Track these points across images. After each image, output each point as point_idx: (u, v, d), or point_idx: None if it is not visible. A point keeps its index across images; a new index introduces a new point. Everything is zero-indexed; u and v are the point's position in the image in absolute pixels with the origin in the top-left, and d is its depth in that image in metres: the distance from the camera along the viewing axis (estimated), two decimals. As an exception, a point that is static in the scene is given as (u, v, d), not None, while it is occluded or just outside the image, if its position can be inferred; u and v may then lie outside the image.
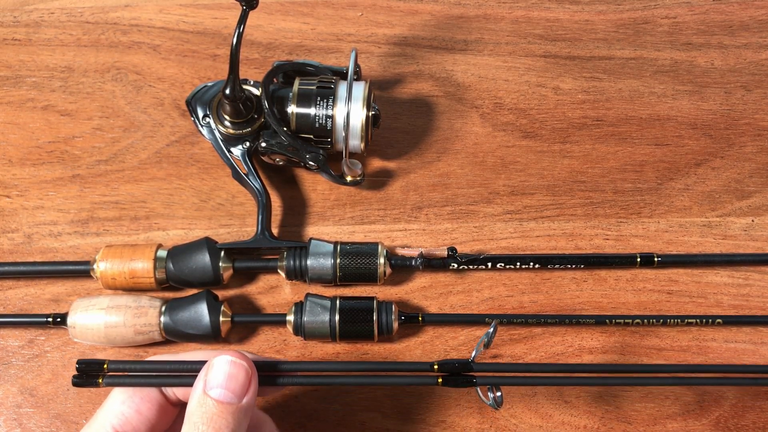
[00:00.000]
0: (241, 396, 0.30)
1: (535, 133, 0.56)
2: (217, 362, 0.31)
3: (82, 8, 0.60)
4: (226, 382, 0.30)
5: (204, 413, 0.30)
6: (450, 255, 0.49)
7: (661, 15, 0.61)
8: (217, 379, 0.31)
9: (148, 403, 0.34)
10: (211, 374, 0.31)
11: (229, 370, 0.31)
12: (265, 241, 0.49)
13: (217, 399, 0.30)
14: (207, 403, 0.30)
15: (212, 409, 0.30)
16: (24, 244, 0.51)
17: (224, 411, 0.30)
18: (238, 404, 0.30)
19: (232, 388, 0.30)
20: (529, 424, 0.47)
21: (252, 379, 0.31)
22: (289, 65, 0.52)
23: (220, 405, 0.30)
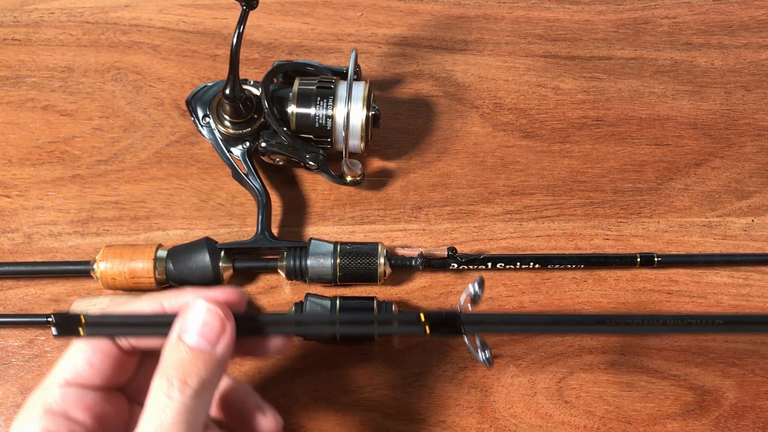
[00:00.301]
0: (216, 344, 0.30)
1: (535, 133, 0.56)
2: (194, 308, 0.30)
3: (82, 8, 0.60)
4: (201, 329, 0.30)
5: (176, 359, 0.30)
6: (450, 255, 0.49)
7: (661, 15, 0.61)
8: (191, 324, 0.30)
9: (99, 354, 0.33)
10: (186, 319, 0.30)
11: (205, 317, 0.30)
12: (265, 241, 0.49)
13: (190, 345, 0.30)
14: (180, 349, 0.30)
15: (184, 354, 0.30)
16: (24, 244, 0.51)
17: (197, 358, 0.30)
18: (212, 352, 0.30)
19: (207, 335, 0.30)
20: (529, 424, 0.47)
21: (227, 329, 0.30)
22: (289, 65, 0.52)
23: (192, 351, 0.30)
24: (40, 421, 0.31)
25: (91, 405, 0.32)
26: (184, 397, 0.29)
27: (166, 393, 0.29)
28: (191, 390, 0.29)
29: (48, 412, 0.31)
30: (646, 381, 0.48)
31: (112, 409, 0.33)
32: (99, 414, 0.32)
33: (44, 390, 0.32)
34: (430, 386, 0.47)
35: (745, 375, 0.48)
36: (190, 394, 0.29)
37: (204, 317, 0.30)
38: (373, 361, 0.48)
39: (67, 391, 0.32)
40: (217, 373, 0.30)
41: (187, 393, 0.29)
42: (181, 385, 0.29)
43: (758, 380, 0.48)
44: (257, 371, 0.48)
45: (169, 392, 0.29)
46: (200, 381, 0.30)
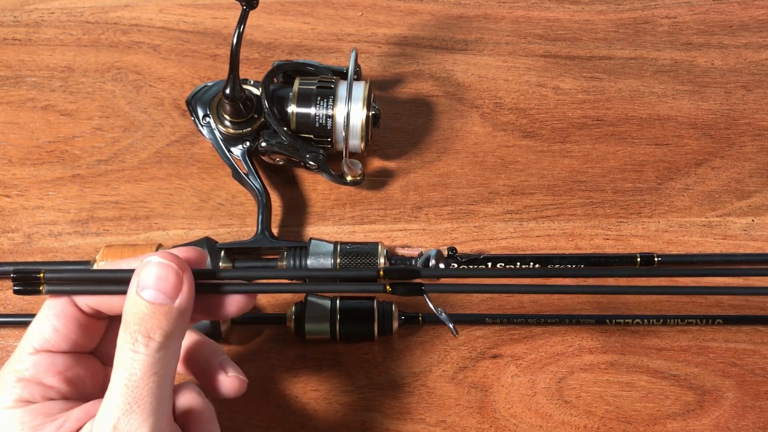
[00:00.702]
0: (174, 297, 0.30)
1: (535, 133, 0.56)
2: (147, 263, 0.30)
3: (82, 8, 0.60)
4: (157, 283, 0.30)
5: (136, 314, 0.30)
6: (450, 255, 0.49)
7: (661, 15, 0.61)
8: (147, 280, 0.30)
9: (63, 319, 0.33)
10: (142, 275, 0.30)
11: (158, 271, 0.30)
12: (265, 241, 0.49)
13: (148, 300, 0.30)
14: (139, 304, 0.30)
15: (143, 309, 0.30)
16: (24, 244, 0.51)
17: (156, 312, 0.30)
18: (171, 305, 0.30)
19: (163, 289, 0.30)
20: (529, 424, 0.47)
21: (185, 281, 0.30)
22: (289, 65, 0.52)
23: (151, 306, 0.30)
24: (14, 389, 0.32)
25: (62, 369, 0.33)
26: (150, 350, 0.30)
27: (132, 348, 0.30)
28: (156, 343, 0.30)
29: (21, 381, 0.32)
30: (646, 381, 0.48)
31: (85, 372, 0.34)
32: (71, 377, 0.33)
33: (15, 360, 0.33)
34: (430, 386, 0.47)
35: (745, 375, 0.48)
36: (155, 347, 0.30)
37: (158, 271, 0.30)
38: (373, 361, 0.48)
39: (37, 358, 0.32)
40: (179, 325, 0.30)
41: (152, 346, 0.30)
42: (145, 339, 0.30)
43: (758, 380, 0.48)
44: (257, 371, 0.48)
45: (134, 347, 0.30)
46: (163, 334, 0.30)
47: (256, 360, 0.48)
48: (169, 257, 0.31)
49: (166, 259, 0.31)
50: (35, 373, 0.32)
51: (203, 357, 0.38)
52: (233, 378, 0.38)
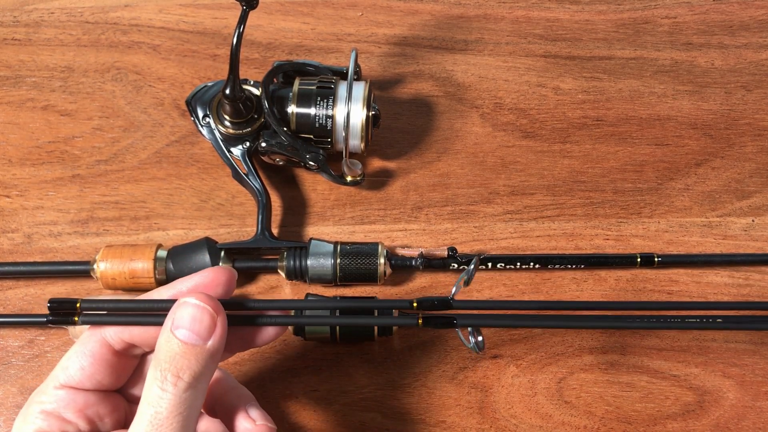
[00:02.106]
0: (206, 338, 0.31)
1: (535, 133, 0.56)
2: (184, 304, 0.31)
3: (82, 8, 0.60)
4: (191, 324, 0.30)
5: (168, 351, 0.30)
6: (450, 255, 0.49)
7: (662, 15, 0.61)
8: (182, 319, 0.31)
9: (91, 358, 0.34)
10: (177, 314, 0.31)
11: (194, 312, 0.31)
12: (265, 241, 0.49)
13: (181, 339, 0.30)
14: (172, 342, 0.30)
15: (176, 348, 0.30)
16: (24, 244, 0.51)
17: (188, 352, 0.30)
18: (203, 346, 0.30)
19: (197, 331, 0.30)
20: (529, 424, 0.47)
21: (219, 323, 0.31)
22: (289, 65, 0.52)
23: (184, 345, 0.30)
24: (35, 420, 0.33)
25: (83, 407, 0.34)
26: (178, 390, 0.30)
27: (160, 386, 0.30)
28: (184, 383, 0.30)
29: (43, 413, 0.33)
30: (646, 381, 0.48)
31: (107, 410, 0.35)
32: (91, 415, 0.34)
33: (41, 391, 0.34)
34: (430, 386, 0.47)
35: (745, 375, 0.48)
36: (183, 387, 0.30)
37: (193, 313, 0.31)
38: (373, 361, 0.48)
39: (61, 393, 0.34)
40: (209, 367, 0.31)
41: (181, 386, 0.30)
42: (174, 379, 0.30)
43: (758, 380, 0.48)
44: (257, 371, 0.48)
45: (162, 385, 0.30)
46: (192, 374, 0.30)
47: (256, 360, 0.48)
48: (205, 300, 0.31)
49: (202, 301, 0.31)
50: (57, 408, 0.33)
51: (231, 403, 0.39)
52: (262, 427, 0.38)
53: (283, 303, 0.41)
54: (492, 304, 0.42)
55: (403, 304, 0.38)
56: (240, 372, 0.48)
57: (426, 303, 0.37)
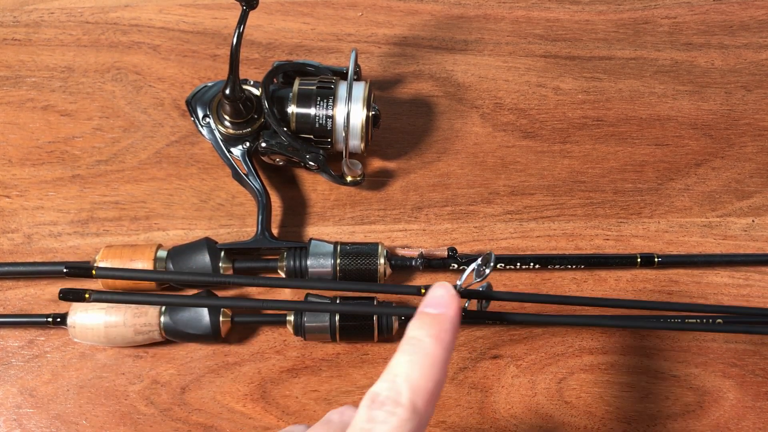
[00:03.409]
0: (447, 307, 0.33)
1: (535, 133, 0.56)
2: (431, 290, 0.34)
3: (82, 8, 0.60)
4: (433, 301, 0.34)
5: (417, 319, 0.33)
6: (450, 255, 0.49)
7: (662, 15, 0.61)
8: (429, 300, 0.34)
9: None
10: (425, 299, 0.34)
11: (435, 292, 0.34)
12: (265, 242, 0.49)
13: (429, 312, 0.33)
14: (420, 315, 0.33)
15: (424, 317, 0.33)
16: (24, 244, 0.51)
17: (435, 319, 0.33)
18: (445, 313, 0.33)
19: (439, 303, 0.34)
20: (529, 424, 0.47)
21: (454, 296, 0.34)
22: (289, 65, 0.52)
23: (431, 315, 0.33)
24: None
25: None
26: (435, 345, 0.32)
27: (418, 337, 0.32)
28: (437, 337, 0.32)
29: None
30: (646, 381, 0.48)
31: None
32: None
33: None
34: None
35: (745, 375, 0.48)
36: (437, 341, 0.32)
37: (435, 294, 0.34)
38: (373, 361, 0.48)
39: None
40: (453, 328, 0.33)
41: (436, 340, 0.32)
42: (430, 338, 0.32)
43: (758, 380, 0.48)
44: (257, 371, 0.48)
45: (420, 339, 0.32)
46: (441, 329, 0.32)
47: (256, 360, 0.48)
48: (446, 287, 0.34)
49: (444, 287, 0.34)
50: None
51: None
52: None
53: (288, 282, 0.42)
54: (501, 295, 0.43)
55: (410, 290, 0.39)
56: (240, 372, 0.48)
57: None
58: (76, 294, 0.36)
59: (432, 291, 0.35)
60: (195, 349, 0.48)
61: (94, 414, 0.47)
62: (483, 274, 0.37)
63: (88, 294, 0.36)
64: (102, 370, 0.48)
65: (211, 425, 0.47)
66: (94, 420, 0.47)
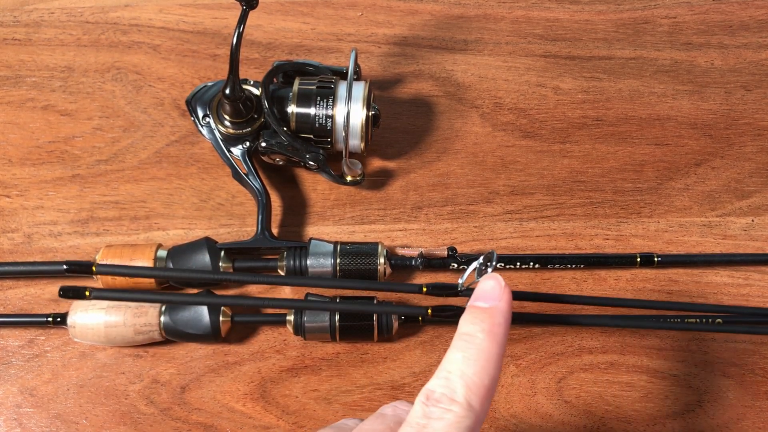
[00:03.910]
0: (498, 299, 0.33)
1: (535, 133, 0.56)
2: (480, 284, 0.34)
3: (82, 8, 0.60)
4: (485, 294, 0.34)
5: (468, 314, 0.33)
6: (450, 255, 0.49)
7: (661, 15, 0.61)
8: (479, 294, 0.34)
9: None
10: (476, 293, 0.34)
11: (485, 286, 0.34)
12: (265, 241, 0.49)
13: (480, 306, 0.33)
14: (474, 310, 0.33)
15: (475, 312, 0.33)
16: (24, 244, 0.51)
17: (485, 311, 0.33)
18: (497, 305, 0.33)
19: (490, 296, 0.34)
20: (529, 423, 0.47)
21: (505, 289, 0.34)
22: (289, 65, 0.52)
23: (483, 309, 0.33)
24: None
25: None
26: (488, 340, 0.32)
27: (471, 333, 0.32)
28: (490, 332, 0.32)
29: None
30: (646, 381, 0.48)
31: None
32: None
33: None
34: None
35: (745, 375, 0.48)
36: (491, 335, 0.32)
37: (485, 287, 0.34)
38: (373, 361, 0.48)
39: None
40: (505, 321, 0.33)
41: (489, 335, 0.32)
42: (483, 333, 0.32)
43: (758, 380, 0.48)
44: (257, 371, 0.48)
45: (473, 337, 0.32)
46: (493, 323, 0.32)
47: (255, 360, 0.48)
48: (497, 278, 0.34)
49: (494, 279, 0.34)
50: None
51: None
52: None
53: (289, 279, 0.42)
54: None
55: (412, 288, 0.39)
56: (240, 372, 0.48)
57: (436, 288, 0.38)
58: (77, 291, 0.36)
59: (482, 284, 0.34)
60: (195, 348, 0.48)
61: (95, 413, 0.47)
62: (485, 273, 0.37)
63: (89, 291, 0.36)
64: (102, 370, 0.48)
65: (211, 425, 0.47)
66: (95, 419, 0.47)
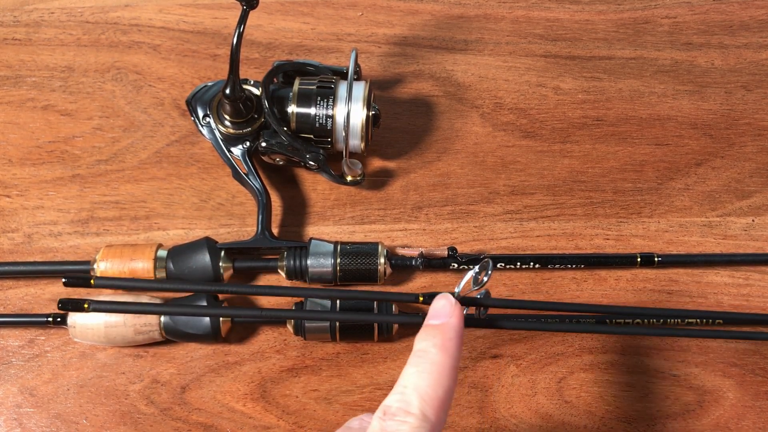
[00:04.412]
0: (449, 316, 0.35)
1: (535, 133, 0.56)
2: (433, 303, 0.36)
3: (82, 8, 0.60)
4: (437, 312, 0.35)
5: (422, 332, 0.34)
6: (450, 255, 0.49)
7: (662, 15, 0.61)
8: (432, 312, 0.35)
9: None
10: (429, 312, 0.35)
11: (437, 304, 0.35)
12: (265, 241, 0.49)
13: (433, 324, 0.34)
14: (425, 328, 0.34)
15: (428, 329, 0.34)
16: (24, 244, 0.51)
17: (437, 328, 0.34)
18: (448, 321, 0.34)
19: (441, 314, 0.35)
20: (529, 423, 0.47)
21: (455, 305, 0.35)
22: (289, 65, 0.52)
23: (435, 326, 0.34)
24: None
25: None
26: (441, 354, 0.33)
27: (424, 349, 0.33)
28: (443, 346, 0.33)
29: None
30: (646, 381, 0.48)
31: None
32: None
33: None
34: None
35: (745, 375, 0.48)
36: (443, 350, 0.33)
37: (436, 305, 0.35)
38: (373, 361, 0.48)
39: None
40: (457, 335, 0.34)
41: (441, 349, 0.33)
42: (435, 347, 0.33)
43: (758, 380, 0.48)
44: (257, 371, 0.48)
45: (426, 353, 0.33)
46: (445, 338, 0.34)
47: (256, 360, 0.48)
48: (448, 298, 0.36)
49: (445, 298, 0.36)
50: None
51: None
52: None
53: (287, 290, 0.42)
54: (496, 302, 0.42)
55: (408, 298, 0.39)
56: (240, 372, 0.48)
57: (432, 298, 0.37)
58: (75, 304, 0.36)
59: (434, 304, 0.36)
60: (195, 348, 0.48)
61: (95, 413, 0.47)
62: (481, 282, 0.37)
63: (87, 304, 0.36)
64: (102, 370, 0.48)
65: (211, 425, 0.47)
66: (95, 419, 0.47)
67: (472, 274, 0.37)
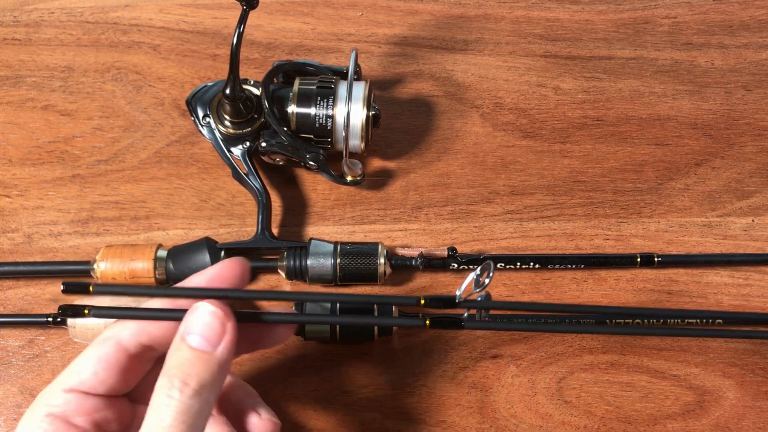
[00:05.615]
0: (216, 345, 0.31)
1: (535, 133, 0.56)
2: (196, 308, 0.32)
3: (82, 8, 0.60)
4: (203, 330, 0.31)
5: (178, 358, 0.31)
6: (450, 255, 0.49)
7: (662, 15, 0.61)
8: (194, 326, 0.31)
9: (106, 363, 0.33)
10: (189, 320, 0.31)
11: (206, 319, 0.31)
12: (265, 241, 0.49)
13: (192, 346, 0.31)
14: (182, 349, 0.31)
15: (186, 354, 0.31)
16: (24, 244, 0.51)
17: (197, 359, 0.31)
18: (212, 353, 0.31)
19: (208, 337, 0.31)
20: (529, 424, 0.47)
21: (228, 330, 0.31)
22: (289, 65, 0.52)
23: (194, 352, 0.31)
24: (41, 423, 0.32)
25: (91, 411, 0.33)
26: (184, 396, 0.30)
27: (167, 393, 0.30)
28: (191, 390, 0.30)
29: (49, 416, 0.33)
30: (646, 381, 0.48)
31: (114, 414, 0.34)
32: (99, 420, 0.33)
33: (49, 393, 0.33)
34: (430, 386, 0.47)
35: (745, 375, 0.48)
36: (189, 394, 0.30)
37: (205, 319, 0.31)
38: (373, 361, 0.48)
39: (69, 397, 0.33)
40: (217, 375, 0.31)
41: (187, 393, 0.30)
42: (182, 385, 0.30)
43: (758, 380, 0.48)
44: (257, 371, 0.48)
45: (169, 392, 0.30)
46: (199, 382, 0.31)
47: (256, 360, 0.48)
48: (217, 305, 0.32)
49: (214, 306, 0.32)
50: (64, 411, 0.33)
51: (237, 399, 0.40)
52: (266, 421, 0.39)
53: (286, 295, 0.42)
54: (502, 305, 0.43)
55: (409, 301, 0.39)
56: (240, 372, 0.48)
57: (434, 301, 0.37)
58: (75, 309, 0.35)
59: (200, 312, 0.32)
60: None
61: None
62: (482, 284, 0.36)
63: (87, 310, 0.35)
64: (102, 370, 0.48)
65: (211, 425, 0.47)
66: (94, 420, 0.47)
67: (473, 277, 0.36)
